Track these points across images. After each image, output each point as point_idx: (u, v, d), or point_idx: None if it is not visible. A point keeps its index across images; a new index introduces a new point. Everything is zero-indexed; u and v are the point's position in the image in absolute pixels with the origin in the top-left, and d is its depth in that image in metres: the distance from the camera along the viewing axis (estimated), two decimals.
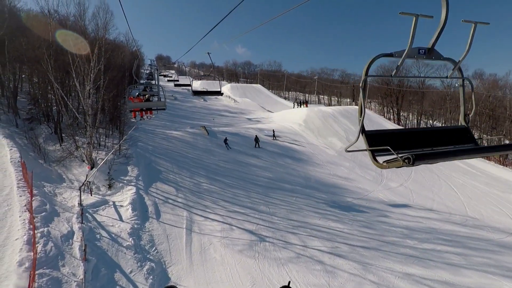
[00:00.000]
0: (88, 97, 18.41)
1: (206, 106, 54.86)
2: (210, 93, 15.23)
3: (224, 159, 25.62)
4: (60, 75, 21.11)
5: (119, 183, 18.40)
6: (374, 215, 19.35)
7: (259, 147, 28.79)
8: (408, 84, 57.61)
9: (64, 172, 19.35)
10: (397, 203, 22.03)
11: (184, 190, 19.16)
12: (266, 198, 19.96)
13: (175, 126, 34.58)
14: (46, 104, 25.56)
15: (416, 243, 15.96)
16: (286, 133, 35.23)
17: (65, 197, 15.05)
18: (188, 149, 26.30)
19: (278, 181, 23.11)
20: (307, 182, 23.61)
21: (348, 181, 25.27)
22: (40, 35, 21.20)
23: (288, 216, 17.73)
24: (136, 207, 15.41)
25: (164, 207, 16.55)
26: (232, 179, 22.13)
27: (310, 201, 20.40)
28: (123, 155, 21.22)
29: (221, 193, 19.60)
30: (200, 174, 21.86)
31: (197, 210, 17.03)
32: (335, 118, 41.49)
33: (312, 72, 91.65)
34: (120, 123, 25.50)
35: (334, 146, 33.46)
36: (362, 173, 27.48)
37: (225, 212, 17.28)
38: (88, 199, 15.37)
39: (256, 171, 24.23)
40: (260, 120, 45.71)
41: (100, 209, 14.67)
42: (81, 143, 21.10)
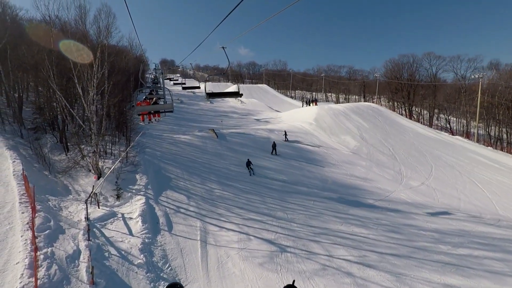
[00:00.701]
0: (92, 103, 17.49)
1: (213, 108, 53.97)
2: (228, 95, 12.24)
3: (235, 162, 24.55)
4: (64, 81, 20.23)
5: (128, 192, 17.46)
6: (399, 218, 18.06)
7: (276, 155, 27.10)
8: (419, 78, 55.92)
9: (70, 183, 18.49)
10: (421, 203, 20.69)
11: (195, 197, 18.13)
12: (283, 203, 18.82)
13: (183, 130, 33.68)
14: (51, 113, 24.82)
15: (450, 248, 14.64)
16: (298, 133, 34.03)
17: (71, 211, 14.13)
18: (197, 154, 25.30)
19: (293, 184, 21.95)
20: (324, 184, 22.39)
21: (366, 181, 23.98)
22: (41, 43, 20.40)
23: (308, 222, 16.56)
24: (146, 219, 14.41)
25: (176, 217, 15.52)
26: (245, 184, 21.05)
27: (329, 204, 19.20)
28: (131, 162, 20.31)
29: (235, 200, 18.52)
30: (212, 180, 20.81)
31: (210, 219, 15.97)
32: (346, 115, 40.19)
33: (318, 70, 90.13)
34: (127, 130, 24.59)
35: (348, 144, 32.18)
36: (380, 172, 26.15)
37: (240, 220, 16.19)
38: (96, 212, 14.42)
39: (270, 174, 23.10)
40: (269, 121, 44.63)
41: (108, 222, 13.70)
42: (87, 152, 20.24)
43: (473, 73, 47.31)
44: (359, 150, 30.77)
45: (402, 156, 30.15)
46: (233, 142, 28.97)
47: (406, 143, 33.92)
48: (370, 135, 34.93)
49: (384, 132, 36.55)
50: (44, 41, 19.97)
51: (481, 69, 48.49)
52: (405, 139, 34.95)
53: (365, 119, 39.58)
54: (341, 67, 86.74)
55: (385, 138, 34.70)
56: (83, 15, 19.08)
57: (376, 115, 41.47)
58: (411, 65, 54.64)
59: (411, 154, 31.02)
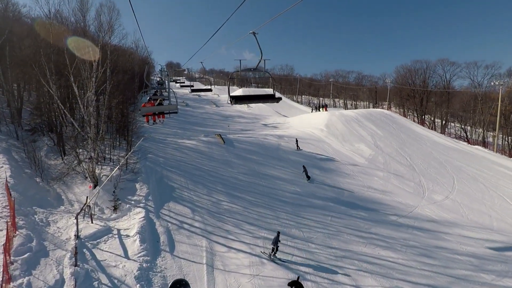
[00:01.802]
0: (90, 104, 15.85)
1: (219, 112, 52.38)
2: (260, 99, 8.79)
3: (243, 171, 22.77)
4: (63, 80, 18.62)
5: (126, 204, 15.72)
6: (429, 238, 16.10)
7: (308, 179, 22.48)
8: (433, 84, 53.91)
9: (64, 191, 16.82)
10: (449, 221, 18.72)
11: (201, 211, 16.34)
12: (297, 218, 16.97)
13: (188, 135, 31.98)
14: (48, 114, 23.27)
15: (494, 279, 12.68)
16: (309, 139, 32.19)
17: (60, 226, 12.40)
18: (203, 161, 23.55)
19: (307, 196, 20.09)
20: (340, 197, 20.51)
21: (386, 194, 22.04)
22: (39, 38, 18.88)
23: (327, 243, 14.68)
24: (145, 237, 12.63)
25: (178, 235, 13.73)
26: (254, 195, 19.23)
27: (348, 221, 17.32)
28: (131, 170, 18.60)
29: (244, 214, 16.70)
30: (218, 190, 19.03)
31: (218, 237, 14.15)
32: (359, 122, 38.31)
33: (326, 75, 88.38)
34: (128, 133, 22.91)
35: (362, 153, 30.25)
36: (399, 184, 24.20)
37: (251, 239, 14.35)
38: (88, 227, 12.67)
39: (281, 185, 21.26)
40: (277, 126, 42.88)
41: (101, 241, 11.95)
42: (84, 156, 18.58)
43: (490, 80, 45.20)
44: (375, 160, 28.84)
45: (421, 167, 28.15)
46: (241, 149, 27.20)
47: (424, 152, 31.91)
48: (385, 143, 32.99)
49: (400, 140, 34.58)
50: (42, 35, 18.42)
51: (499, 76, 46.34)
52: (422, 148, 32.94)
53: (378, 126, 37.65)
54: (350, 72, 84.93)
55: (401, 146, 32.74)
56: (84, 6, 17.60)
57: (390, 122, 39.52)
58: (425, 71, 52.63)
59: (430, 164, 29.01)
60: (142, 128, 27.87)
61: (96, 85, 16.55)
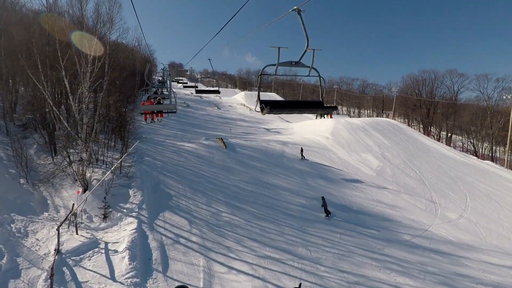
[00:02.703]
0: (83, 101, 14.46)
1: (221, 114, 51.11)
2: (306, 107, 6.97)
3: (246, 179, 21.36)
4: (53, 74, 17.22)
5: (117, 212, 14.30)
6: (448, 264, 14.68)
7: (328, 216, 17.83)
8: (440, 95, 52.81)
9: (51, 194, 15.39)
10: (467, 243, 17.31)
11: (199, 223, 14.92)
12: (303, 235, 15.56)
13: (188, 137, 30.61)
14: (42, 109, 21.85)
15: None
16: (313, 147, 30.83)
17: (40, 237, 10.96)
18: (203, 166, 22.14)
19: (313, 209, 18.67)
20: (349, 212, 19.10)
21: (396, 210, 20.64)
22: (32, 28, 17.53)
23: (337, 265, 13.25)
24: (136, 254, 11.19)
25: (173, 251, 12.29)
26: (257, 207, 17.82)
27: (359, 239, 15.90)
28: (125, 174, 17.19)
29: (247, 228, 15.28)
30: (219, 200, 17.61)
31: (217, 254, 12.72)
32: (365, 131, 37.01)
33: (330, 81, 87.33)
34: (125, 133, 21.49)
35: (370, 164, 28.88)
36: (410, 199, 22.79)
37: (254, 257, 12.92)
38: (72, 240, 11.23)
39: (286, 196, 19.85)
40: (280, 131, 41.63)
41: (85, 257, 10.51)
42: (75, 157, 17.16)
43: (501, 94, 44.04)
44: (383, 171, 27.47)
45: (431, 181, 26.79)
46: (243, 154, 25.82)
47: (433, 165, 30.57)
48: (393, 155, 31.65)
49: (408, 151, 33.26)
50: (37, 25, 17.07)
51: (509, 90, 45.24)
52: (431, 161, 31.60)
53: (385, 136, 36.34)
54: (354, 79, 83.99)
55: (409, 158, 31.40)
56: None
57: (397, 133, 38.23)
58: (432, 81, 51.54)
59: (441, 179, 27.65)
60: (140, 129, 26.55)
61: (91, 80, 15.17)
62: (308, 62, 5.47)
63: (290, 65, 5.49)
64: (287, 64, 5.49)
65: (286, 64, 5.50)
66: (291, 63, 5.44)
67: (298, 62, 5.42)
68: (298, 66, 5.44)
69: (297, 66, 5.44)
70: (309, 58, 5.52)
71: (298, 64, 5.43)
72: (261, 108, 5.42)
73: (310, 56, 5.50)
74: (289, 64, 5.49)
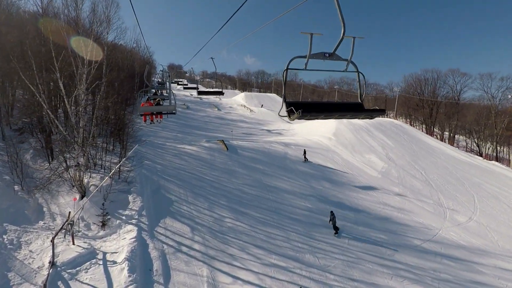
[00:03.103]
0: (80, 104, 13.87)
1: (221, 115, 50.50)
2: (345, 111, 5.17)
3: (249, 182, 20.77)
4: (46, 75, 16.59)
5: (116, 219, 13.70)
6: (461, 270, 14.08)
7: (337, 233, 15.80)
8: (442, 95, 52.24)
9: (47, 201, 14.77)
10: (479, 248, 16.71)
11: (202, 229, 14.32)
12: (310, 240, 14.95)
13: (188, 139, 30.01)
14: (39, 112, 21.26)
15: None
16: (316, 148, 30.25)
17: (34, 249, 10.35)
18: (204, 169, 21.54)
19: (319, 213, 18.07)
20: (355, 216, 18.49)
21: (404, 213, 20.03)
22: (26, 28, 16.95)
23: (347, 273, 12.65)
24: (136, 264, 10.58)
25: (175, 260, 11.69)
26: (262, 212, 17.22)
27: (368, 245, 15.29)
28: (124, 179, 16.58)
29: (251, 234, 14.67)
30: (222, 205, 17.01)
31: (221, 263, 12.12)
32: (369, 131, 36.44)
33: (330, 81, 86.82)
34: (124, 137, 20.87)
35: (374, 165, 28.29)
36: (417, 201, 22.20)
37: (259, 266, 12.32)
38: (68, 251, 10.62)
39: (290, 200, 19.25)
40: (281, 132, 41.04)
41: (82, 269, 9.90)
42: (73, 162, 16.56)
43: (505, 93, 43.48)
44: (388, 173, 26.88)
45: (437, 182, 26.20)
46: (246, 157, 25.22)
47: (439, 166, 29.99)
48: (397, 156, 31.07)
49: (412, 152, 32.68)
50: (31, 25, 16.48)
51: None
52: (437, 162, 31.02)
53: (389, 137, 35.76)
54: (355, 80, 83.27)
55: (414, 159, 30.81)
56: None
57: (400, 133, 37.65)
58: (435, 81, 50.97)
59: (447, 180, 27.06)
60: (139, 131, 25.94)
61: (88, 82, 14.58)
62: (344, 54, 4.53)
63: (323, 58, 4.42)
64: (319, 56, 4.41)
65: (317, 56, 4.41)
66: (324, 55, 4.40)
67: (332, 54, 4.39)
68: (332, 58, 4.42)
69: (331, 58, 4.42)
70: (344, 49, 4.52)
71: (333, 56, 4.41)
72: (289, 112, 4.27)
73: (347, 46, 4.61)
74: (322, 56, 4.42)
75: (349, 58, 4.56)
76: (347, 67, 4.64)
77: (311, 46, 4.29)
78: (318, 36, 4.42)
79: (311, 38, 4.32)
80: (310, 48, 4.29)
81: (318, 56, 4.40)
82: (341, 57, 4.51)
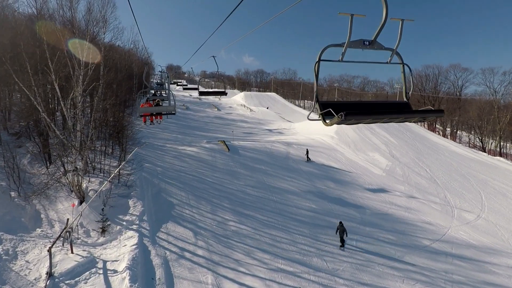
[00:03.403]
0: (77, 106, 13.40)
1: (221, 115, 50.05)
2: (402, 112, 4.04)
3: (251, 183, 20.31)
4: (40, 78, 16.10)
5: (116, 225, 13.26)
6: (473, 270, 13.65)
7: (342, 246, 14.34)
8: (444, 91, 51.80)
9: (45, 207, 14.33)
10: (490, 247, 16.27)
11: (205, 233, 13.87)
12: (317, 243, 14.51)
13: (188, 140, 29.56)
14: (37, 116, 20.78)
15: None
16: (319, 147, 29.81)
17: (31, 259, 9.90)
18: (206, 171, 21.10)
19: (324, 214, 17.64)
20: (362, 216, 18.05)
21: (411, 212, 19.59)
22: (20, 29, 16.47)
23: (357, 277, 12.20)
24: (138, 273, 10.13)
25: (178, 268, 11.24)
26: (265, 213, 16.77)
27: (376, 246, 14.84)
28: (124, 183, 16.12)
29: (256, 238, 14.22)
30: (225, 208, 16.56)
31: (226, 269, 11.67)
32: (371, 129, 35.96)
33: (330, 79, 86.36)
34: (123, 139, 20.41)
35: (378, 163, 27.85)
36: (424, 200, 21.76)
37: (266, 271, 11.88)
38: (66, 260, 10.16)
39: (295, 200, 18.81)
40: (282, 132, 40.60)
41: (81, 280, 9.45)
42: (71, 166, 16.10)
43: (508, 88, 43.04)
44: (393, 171, 26.43)
45: (443, 180, 25.76)
46: (247, 157, 24.78)
47: (443, 163, 29.55)
48: (401, 153, 30.62)
49: (416, 149, 32.24)
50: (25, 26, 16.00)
51: None
52: (441, 159, 30.58)
53: (392, 134, 35.31)
54: (355, 77, 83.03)
55: (418, 157, 30.37)
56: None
57: (403, 130, 37.21)
58: (436, 77, 50.53)
59: (453, 177, 26.62)
60: (139, 133, 25.48)
61: (86, 83, 14.11)
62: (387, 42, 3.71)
63: (362, 47, 3.63)
64: (357, 45, 3.62)
65: (356, 45, 3.62)
66: (364, 43, 3.62)
67: (373, 42, 3.62)
68: (373, 47, 3.63)
69: (371, 47, 3.63)
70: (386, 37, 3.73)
71: (373, 44, 3.62)
72: (324, 115, 3.48)
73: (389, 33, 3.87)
74: (360, 45, 3.63)
75: (394, 47, 3.79)
76: (392, 58, 3.88)
77: (350, 31, 3.46)
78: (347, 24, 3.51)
79: (351, 21, 3.46)
80: (350, 34, 3.46)
81: (356, 44, 3.62)
82: (383, 45, 3.76)
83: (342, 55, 3.67)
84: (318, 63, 3.64)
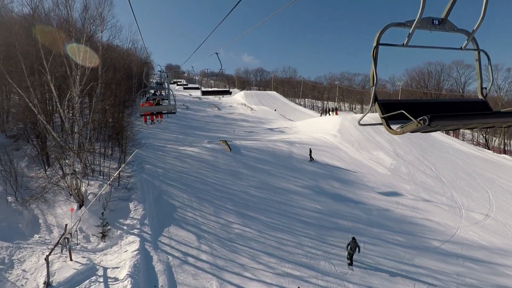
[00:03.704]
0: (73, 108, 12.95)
1: (221, 115, 49.57)
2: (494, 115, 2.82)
3: (254, 184, 19.88)
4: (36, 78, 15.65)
5: (117, 230, 12.83)
6: (485, 273, 13.23)
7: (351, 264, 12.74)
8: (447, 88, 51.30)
9: (43, 212, 13.90)
10: (501, 247, 15.84)
11: (208, 237, 13.45)
12: (324, 245, 14.09)
13: (189, 140, 29.11)
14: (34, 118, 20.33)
15: None
16: (322, 146, 29.34)
17: (28, 267, 9.47)
18: (208, 172, 20.66)
19: (330, 215, 17.22)
20: (368, 217, 17.63)
21: (418, 212, 19.17)
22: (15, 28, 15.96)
23: (367, 281, 11.78)
24: (139, 281, 9.71)
25: (181, 273, 10.81)
26: (270, 215, 16.34)
27: (385, 248, 14.43)
28: (124, 185, 15.68)
29: (261, 241, 13.79)
30: (228, 209, 16.13)
31: (231, 274, 11.25)
32: (374, 127, 35.41)
33: (331, 77, 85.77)
34: (122, 141, 19.96)
35: (382, 162, 27.38)
36: (431, 199, 21.32)
37: (272, 276, 11.46)
38: (65, 268, 9.74)
39: (299, 201, 18.38)
40: (284, 131, 40.07)
41: None
42: (70, 169, 15.66)
43: None
44: (398, 170, 25.99)
45: (449, 178, 25.31)
46: (250, 157, 24.33)
47: (449, 161, 29.09)
48: (405, 151, 30.15)
49: (420, 147, 31.75)
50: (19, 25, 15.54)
51: None
52: (446, 157, 30.11)
53: None
54: (356, 74, 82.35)
55: (422, 155, 29.90)
56: None
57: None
58: (439, 73, 50.01)
59: (459, 175, 26.17)
60: (139, 134, 25.02)
61: (83, 83, 13.66)
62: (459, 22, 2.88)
63: (430, 28, 2.84)
64: (423, 25, 2.80)
65: (422, 25, 2.80)
66: (432, 23, 2.81)
67: (443, 20, 2.83)
68: (443, 28, 2.85)
69: (441, 29, 2.84)
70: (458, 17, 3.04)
71: (444, 24, 2.83)
72: (387, 120, 2.82)
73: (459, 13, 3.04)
74: (428, 25, 2.83)
75: (475, 27, 2.95)
76: (468, 43, 3.11)
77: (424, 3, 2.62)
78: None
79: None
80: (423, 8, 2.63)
81: (423, 24, 2.81)
82: (456, 26, 2.99)
83: (409, 37, 2.93)
84: (377, 47, 2.91)
